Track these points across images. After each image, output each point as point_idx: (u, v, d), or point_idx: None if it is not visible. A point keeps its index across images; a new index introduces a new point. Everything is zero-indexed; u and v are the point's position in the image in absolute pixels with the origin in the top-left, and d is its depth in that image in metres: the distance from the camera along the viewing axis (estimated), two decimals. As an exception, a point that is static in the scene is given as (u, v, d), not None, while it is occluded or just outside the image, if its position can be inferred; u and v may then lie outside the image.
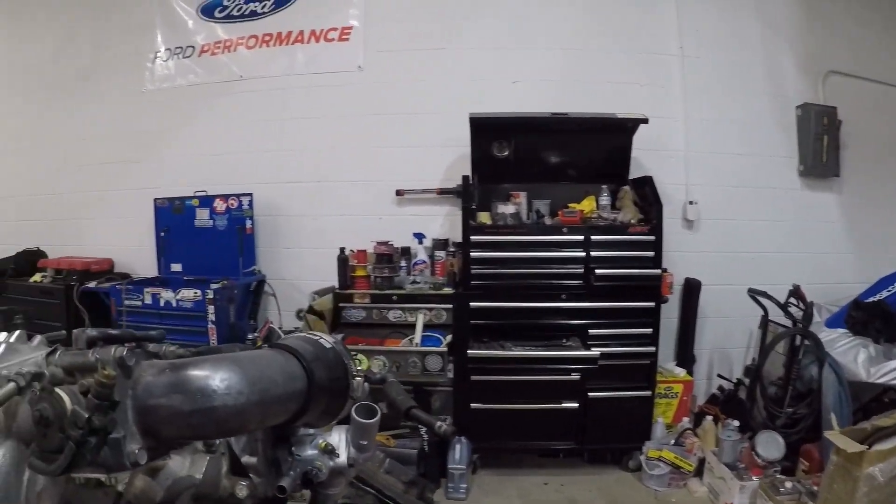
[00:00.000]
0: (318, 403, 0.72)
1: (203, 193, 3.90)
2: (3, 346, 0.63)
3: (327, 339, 0.79)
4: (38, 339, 0.68)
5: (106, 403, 0.55)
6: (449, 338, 3.27)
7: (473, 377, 3.21)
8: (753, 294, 3.45)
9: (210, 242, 3.87)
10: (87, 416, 0.53)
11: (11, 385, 0.55)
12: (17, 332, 0.66)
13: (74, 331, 0.70)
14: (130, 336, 0.72)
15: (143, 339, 0.75)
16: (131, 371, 0.60)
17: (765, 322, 3.56)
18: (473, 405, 3.24)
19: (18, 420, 0.58)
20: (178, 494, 0.72)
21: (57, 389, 0.56)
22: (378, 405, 0.84)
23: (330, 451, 0.84)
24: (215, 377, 0.59)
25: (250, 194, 3.83)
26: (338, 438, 0.85)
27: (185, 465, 0.74)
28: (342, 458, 0.85)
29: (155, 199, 4.02)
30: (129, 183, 4.25)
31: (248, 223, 3.82)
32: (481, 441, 3.27)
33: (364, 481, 3.24)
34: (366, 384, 0.82)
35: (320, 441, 0.83)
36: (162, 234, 3.99)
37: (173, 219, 3.97)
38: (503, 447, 3.41)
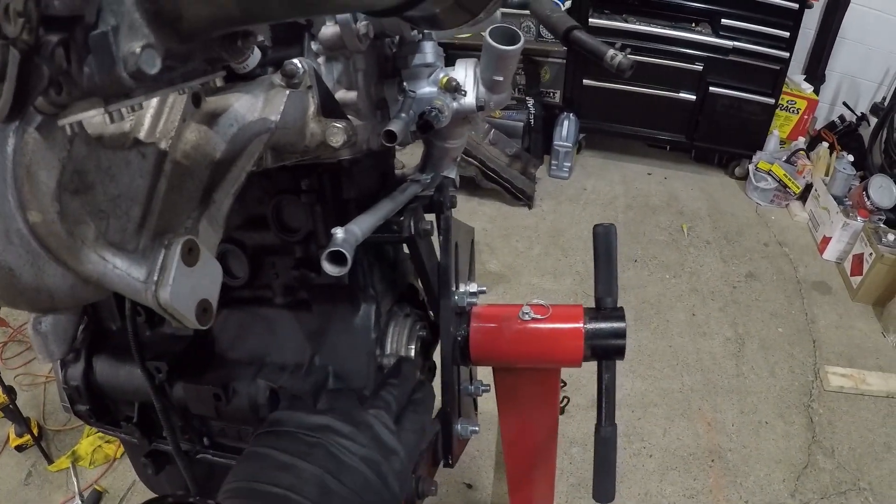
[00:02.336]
0: None
1: None
2: None
3: None
4: None
5: None
6: (568, 3, 3.04)
7: (590, 50, 3.02)
8: (907, 23, 3.06)
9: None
10: None
11: None
12: None
13: None
14: None
15: None
16: None
17: (910, 61, 3.20)
18: (586, 81, 3.10)
19: None
20: (246, 145, 0.49)
21: None
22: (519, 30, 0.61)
23: (454, 89, 0.62)
24: None
25: None
26: (464, 73, 0.64)
27: (255, 106, 0.49)
28: (469, 97, 0.64)
29: None
30: None
31: None
32: (590, 120, 3.18)
33: (467, 152, 3.24)
34: None
35: (441, 76, 0.62)
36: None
37: None
38: (611, 130, 3.33)
